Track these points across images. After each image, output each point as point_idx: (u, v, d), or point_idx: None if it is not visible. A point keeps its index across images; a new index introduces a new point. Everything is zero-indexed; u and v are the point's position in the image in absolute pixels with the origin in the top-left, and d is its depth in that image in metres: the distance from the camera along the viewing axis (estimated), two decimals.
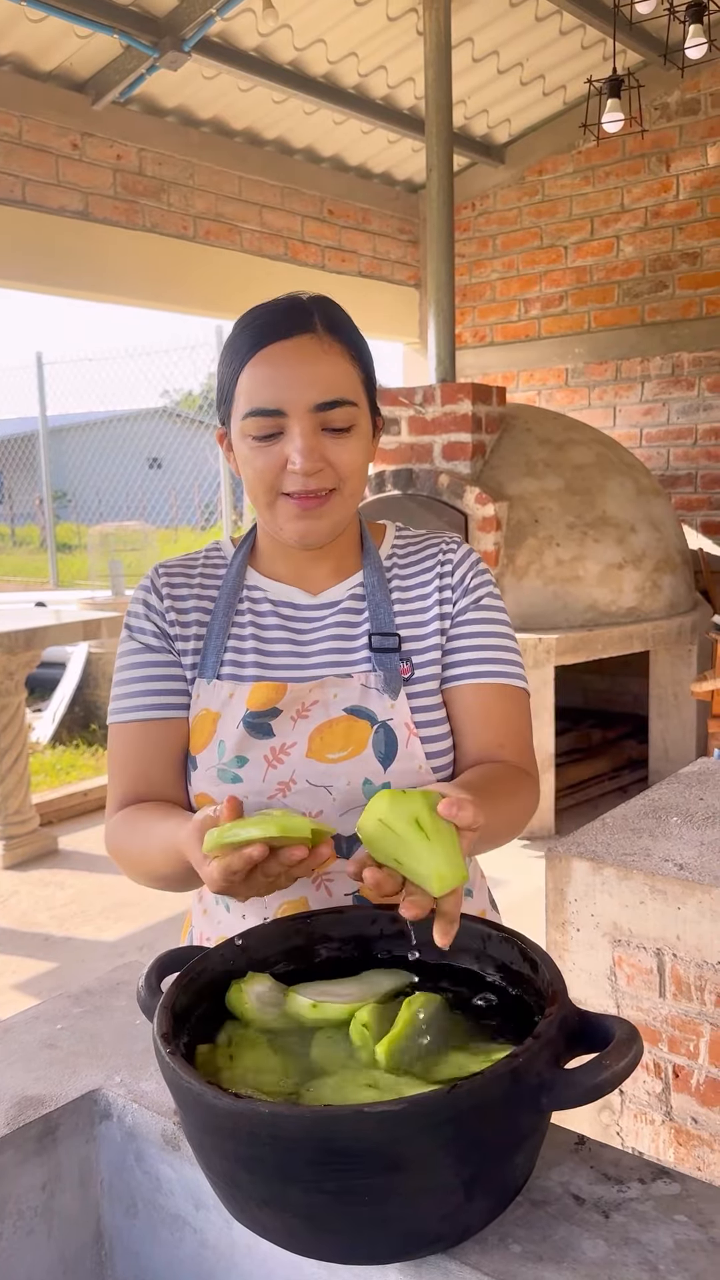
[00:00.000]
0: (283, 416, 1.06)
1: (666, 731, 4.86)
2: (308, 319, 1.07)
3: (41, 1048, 1.02)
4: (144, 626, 1.19)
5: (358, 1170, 0.69)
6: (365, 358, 1.12)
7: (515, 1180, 0.77)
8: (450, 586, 1.19)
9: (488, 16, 4.96)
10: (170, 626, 1.18)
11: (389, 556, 1.22)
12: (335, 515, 1.11)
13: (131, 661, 1.19)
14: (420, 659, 1.16)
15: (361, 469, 1.12)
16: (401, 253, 6.41)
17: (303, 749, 1.11)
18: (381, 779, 1.11)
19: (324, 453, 1.07)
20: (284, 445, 1.07)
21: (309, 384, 1.05)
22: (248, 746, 1.12)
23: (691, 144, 5.54)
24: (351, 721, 1.12)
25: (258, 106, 5.18)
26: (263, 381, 1.06)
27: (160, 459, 14.58)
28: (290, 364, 1.05)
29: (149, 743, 1.16)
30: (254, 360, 1.07)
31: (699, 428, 5.68)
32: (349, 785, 1.11)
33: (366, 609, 1.18)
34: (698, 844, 1.77)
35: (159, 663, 1.18)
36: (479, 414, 4.46)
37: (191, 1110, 0.74)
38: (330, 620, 1.17)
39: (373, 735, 1.11)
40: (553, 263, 6.11)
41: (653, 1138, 1.73)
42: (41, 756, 5.92)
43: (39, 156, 4.54)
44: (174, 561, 1.24)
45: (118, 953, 3.49)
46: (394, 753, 1.11)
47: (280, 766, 1.11)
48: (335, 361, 1.07)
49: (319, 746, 1.11)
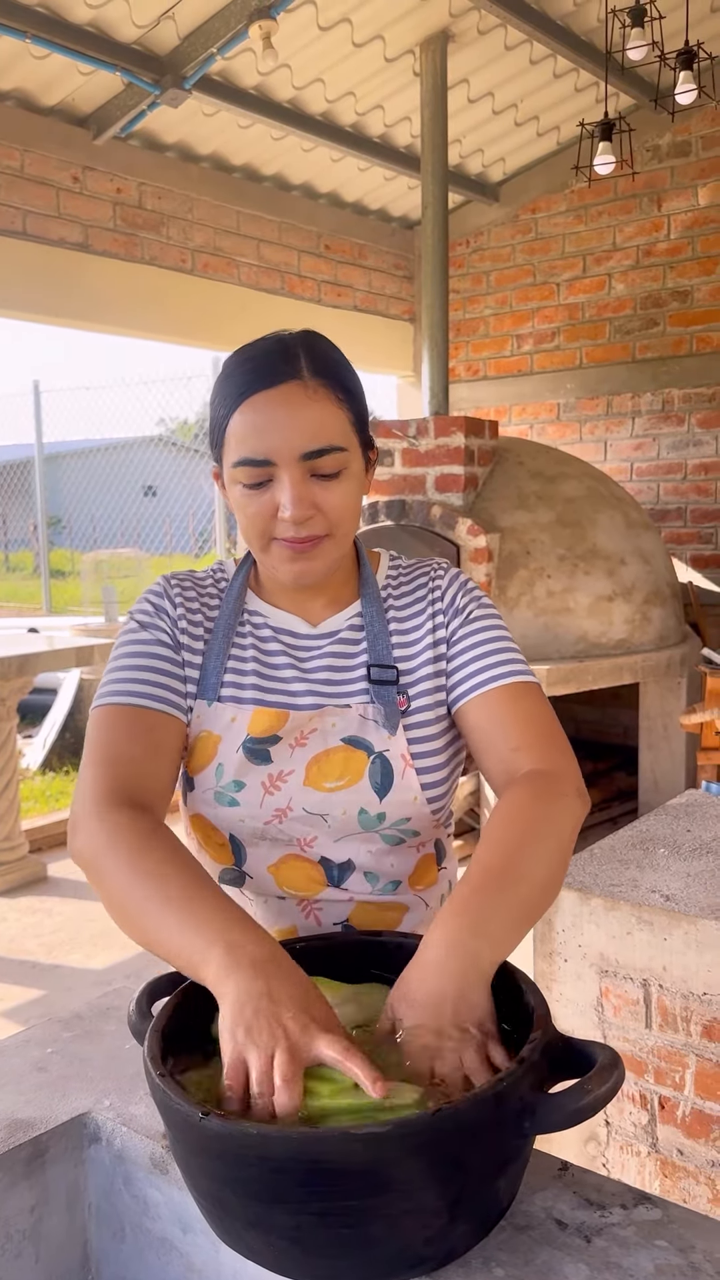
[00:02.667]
0: (271, 466, 1.06)
1: (656, 763, 4.88)
2: (294, 365, 1.06)
3: (31, 1071, 1.03)
4: (156, 624, 1.17)
5: (343, 1192, 0.70)
6: (354, 396, 1.12)
7: (499, 1204, 0.78)
8: (442, 611, 1.19)
9: (483, 59, 5.06)
10: (181, 635, 1.17)
11: (384, 586, 1.23)
12: (329, 556, 1.12)
13: (138, 650, 1.15)
14: (416, 690, 1.16)
15: (353, 509, 1.12)
16: (396, 288, 6.49)
17: (300, 777, 1.12)
18: (377, 809, 1.12)
19: (314, 499, 1.07)
20: (274, 492, 1.07)
21: (296, 432, 1.05)
22: (246, 771, 1.12)
23: (682, 185, 5.64)
24: (349, 751, 1.12)
25: (256, 143, 5.26)
26: (250, 430, 1.06)
27: (155, 487, 14.63)
28: (276, 413, 1.05)
29: (147, 733, 1.10)
30: (241, 408, 1.07)
31: (689, 463, 5.74)
32: (344, 815, 1.12)
33: (364, 639, 1.18)
34: (684, 875, 1.79)
35: (167, 659, 1.15)
36: (472, 447, 4.50)
37: (180, 1131, 0.75)
38: (327, 649, 1.18)
39: (369, 766, 1.12)
40: (545, 299, 6.19)
41: (639, 1169, 1.73)
42: (31, 783, 5.91)
43: (40, 189, 4.60)
44: (184, 575, 1.23)
45: (106, 980, 3.48)
46: (390, 784, 1.12)
47: (277, 793, 1.12)
48: (322, 407, 1.06)
49: (316, 775, 1.12)
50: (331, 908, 1.16)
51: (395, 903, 1.19)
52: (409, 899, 1.20)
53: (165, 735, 1.11)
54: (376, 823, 1.13)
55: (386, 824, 1.13)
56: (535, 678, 1.16)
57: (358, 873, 1.15)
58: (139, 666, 1.13)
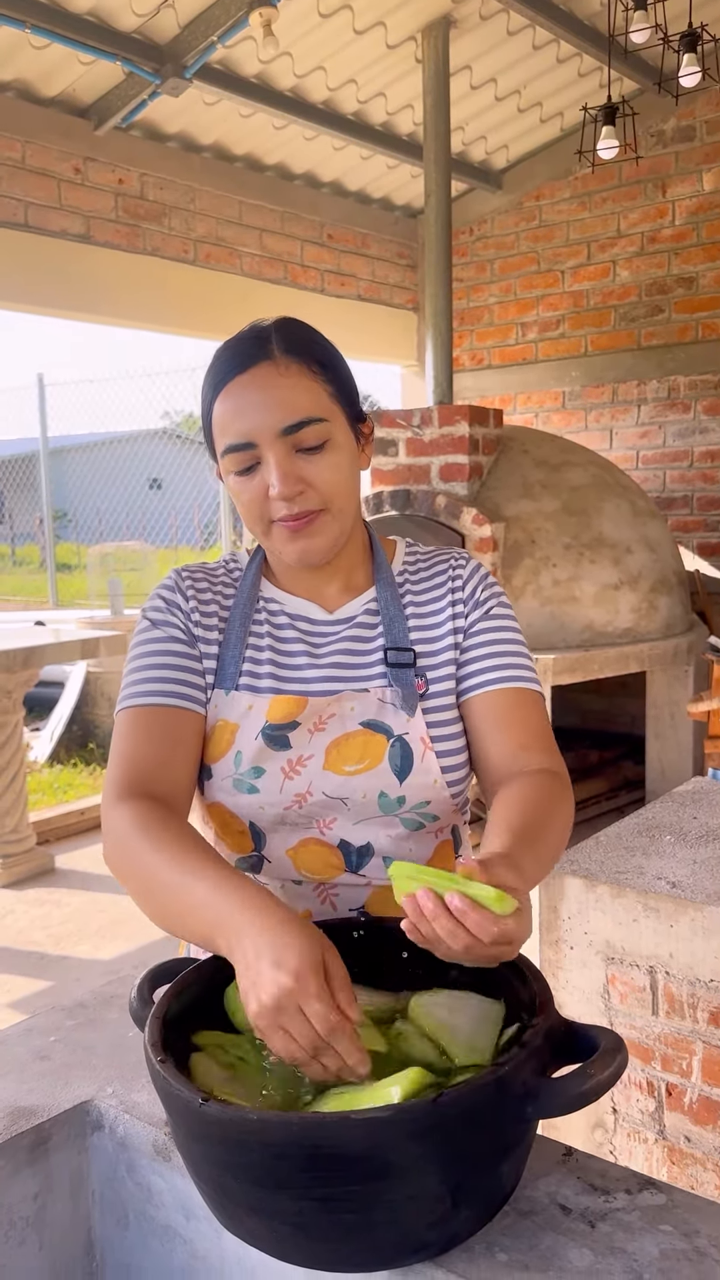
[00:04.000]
0: (254, 448, 1.08)
1: (663, 752, 4.87)
2: (264, 347, 1.09)
3: (35, 1059, 1.03)
4: (169, 620, 1.18)
5: (345, 1177, 0.70)
6: (332, 369, 1.12)
7: (502, 1189, 0.78)
8: (462, 601, 1.20)
9: (485, 45, 5.02)
10: (195, 628, 1.18)
11: (400, 572, 1.23)
12: (330, 532, 1.12)
13: (153, 649, 1.16)
14: (435, 674, 1.17)
15: (346, 483, 1.12)
16: (400, 277, 6.46)
17: (320, 761, 1.12)
18: (397, 792, 1.12)
19: (301, 474, 1.08)
20: (263, 474, 1.08)
21: (271, 409, 1.07)
22: (265, 758, 1.12)
23: (687, 170, 5.60)
24: (368, 735, 1.13)
25: (258, 132, 5.24)
26: (230, 416, 1.08)
27: (160, 479, 14.62)
28: (252, 395, 1.07)
29: (167, 731, 1.12)
30: (219, 397, 1.09)
31: (695, 450, 5.72)
32: (364, 798, 1.12)
33: (381, 624, 1.19)
34: (691, 862, 1.78)
35: (182, 654, 1.16)
36: (476, 436, 4.49)
37: (182, 1117, 0.75)
38: (344, 634, 1.18)
39: (389, 749, 1.12)
40: (550, 287, 6.16)
41: (646, 1156, 1.73)
42: (39, 775, 5.92)
43: (41, 180, 4.59)
44: (195, 567, 1.24)
45: (113, 971, 3.49)
46: (410, 766, 1.12)
47: (297, 778, 1.12)
48: (295, 382, 1.08)
49: (336, 759, 1.12)
50: (348, 893, 1.16)
51: None
52: None
53: (184, 730, 1.13)
54: (397, 806, 1.13)
55: (406, 807, 1.13)
56: (541, 689, 1.21)
57: (376, 858, 1.15)
58: (153, 665, 1.15)
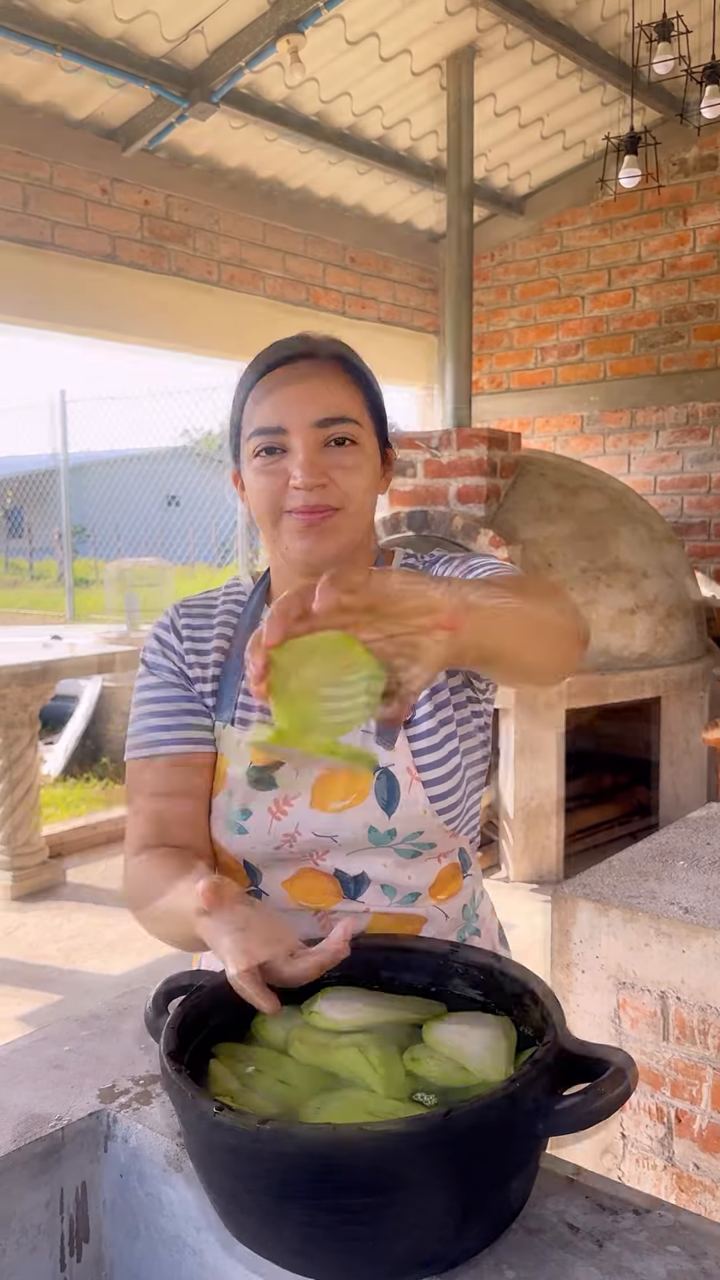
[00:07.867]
0: (284, 434, 1.08)
1: (677, 778, 4.85)
2: (308, 345, 1.12)
3: (48, 1068, 1.03)
4: (160, 663, 1.18)
5: (356, 1190, 0.70)
6: (370, 387, 1.14)
7: (511, 1206, 0.78)
8: None
9: (509, 73, 5.08)
10: (189, 669, 1.17)
11: None
12: (340, 536, 1.10)
13: (150, 696, 1.17)
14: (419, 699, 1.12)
15: (366, 492, 1.11)
16: (421, 300, 6.51)
17: (306, 800, 1.11)
18: (386, 825, 1.10)
19: (326, 468, 1.08)
20: (287, 462, 1.08)
21: (309, 400, 1.08)
22: (252, 798, 1.11)
23: (708, 199, 5.63)
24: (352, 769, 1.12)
25: (283, 156, 5.30)
26: (264, 403, 1.10)
27: (178, 497, 14.70)
28: (291, 384, 1.09)
29: (170, 780, 1.14)
30: (257, 387, 1.11)
31: (713, 476, 5.72)
32: (354, 834, 1.11)
33: None
34: (704, 888, 1.78)
35: (179, 697, 1.16)
36: (494, 459, 4.51)
37: (195, 1127, 0.76)
38: None
39: (374, 782, 1.10)
40: (570, 312, 6.19)
41: (654, 1183, 1.72)
42: (52, 789, 5.94)
43: (68, 201, 4.66)
44: (195, 600, 1.23)
45: (124, 985, 3.49)
46: (396, 799, 1.10)
47: (284, 819, 1.11)
48: (335, 380, 1.10)
49: (321, 796, 1.11)
50: (349, 919, 1.15)
51: (413, 915, 1.16)
52: (429, 910, 1.17)
53: (193, 776, 1.15)
54: (388, 839, 1.11)
55: (398, 839, 1.11)
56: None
57: (374, 885, 1.14)
58: (154, 713, 1.16)
